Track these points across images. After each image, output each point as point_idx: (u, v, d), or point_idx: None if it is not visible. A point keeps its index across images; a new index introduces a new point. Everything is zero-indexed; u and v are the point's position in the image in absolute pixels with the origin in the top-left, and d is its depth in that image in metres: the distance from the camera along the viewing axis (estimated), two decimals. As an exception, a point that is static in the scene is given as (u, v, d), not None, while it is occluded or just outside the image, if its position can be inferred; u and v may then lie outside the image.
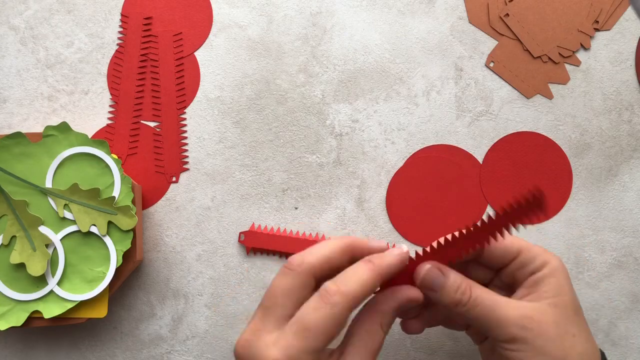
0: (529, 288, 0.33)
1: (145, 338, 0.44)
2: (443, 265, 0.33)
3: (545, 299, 0.32)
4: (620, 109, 0.44)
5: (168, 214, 0.44)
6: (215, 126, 0.45)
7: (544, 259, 0.33)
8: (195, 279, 0.44)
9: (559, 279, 0.33)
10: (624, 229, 0.44)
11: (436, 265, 0.33)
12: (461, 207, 0.44)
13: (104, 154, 0.40)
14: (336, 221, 0.44)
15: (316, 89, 0.45)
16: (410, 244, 0.44)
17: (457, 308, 0.32)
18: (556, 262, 0.33)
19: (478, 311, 0.32)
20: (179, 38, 0.45)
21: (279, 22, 0.45)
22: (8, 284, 0.40)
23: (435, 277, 0.32)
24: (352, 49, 0.45)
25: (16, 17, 0.45)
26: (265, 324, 0.30)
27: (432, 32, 0.45)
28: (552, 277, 0.33)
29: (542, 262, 0.33)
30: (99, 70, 0.45)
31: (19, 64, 0.45)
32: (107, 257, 0.40)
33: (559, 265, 0.33)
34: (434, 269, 0.32)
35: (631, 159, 0.44)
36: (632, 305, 0.44)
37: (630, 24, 0.44)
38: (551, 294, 0.32)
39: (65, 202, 0.40)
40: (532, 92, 0.44)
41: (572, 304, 0.32)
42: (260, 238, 0.43)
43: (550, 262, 0.33)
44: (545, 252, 0.34)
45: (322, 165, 0.44)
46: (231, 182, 0.44)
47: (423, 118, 0.44)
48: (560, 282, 0.32)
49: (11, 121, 0.45)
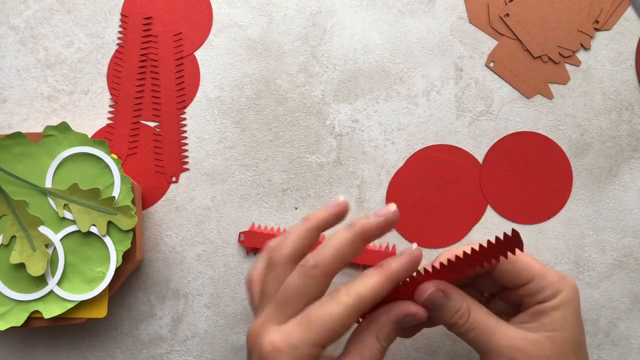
0: (532, 316, 0.32)
1: (145, 338, 0.44)
2: (448, 285, 0.32)
3: (544, 332, 0.31)
4: (620, 109, 0.44)
5: (168, 214, 0.44)
6: (215, 126, 0.45)
7: (556, 288, 0.32)
8: (195, 279, 0.44)
9: (566, 313, 0.32)
10: (624, 229, 0.44)
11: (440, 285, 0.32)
12: (461, 207, 0.44)
13: (103, 154, 0.40)
14: (336, 221, 0.44)
15: (316, 89, 0.45)
16: (409, 244, 0.44)
17: (453, 329, 0.33)
18: (567, 294, 0.32)
19: (472, 335, 0.32)
20: (179, 38, 0.45)
21: (279, 22, 0.45)
22: (8, 284, 0.40)
23: (436, 298, 0.32)
24: (352, 49, 0.45)
25: (16, 17, 0.45)
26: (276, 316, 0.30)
27: (432, 32, 0.45)
28: (558, 310, 0.32)
29: (553, 293, 0.32)
30: (99, 70, 0.45)
31: (19, 64, 0.45)
32: (107, 257, 0.40)
33: (570, 297, 0.32)
34: (437, 291, 0.32)
35: (631, 159, 0.44)
36: (632, 305, 0.44)
37: (630, 24, 0.44)
38: (552, 327, 0.31)
39: (65, 202, 0.40)
40: (532, 92, 0.44)
41: (572, 341, 0.32)
42: (260, 238, 0.43)
43: (561, 293, 0.32)
44: (560, 281, 0.32)
45: (322, 165, 0.44)
46: (231, 182, 0.44)
47: (423, 118, 0.44)
48: (565, 316, 0.32)
49: (11, 121, 0.45)
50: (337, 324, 0.29)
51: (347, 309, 0.29)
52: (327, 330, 0.29)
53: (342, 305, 0.29)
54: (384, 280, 0.30)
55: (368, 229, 0.31)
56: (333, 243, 0.31)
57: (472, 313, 0.32)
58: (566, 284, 0.33)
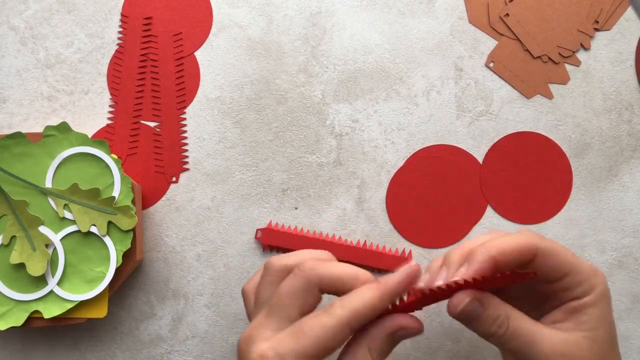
0: (568, 314, 0.31)
1: (145, 338, 0.44)
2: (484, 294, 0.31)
3: (583, 331, 0.31)
4: (620, 109, 0.44)
5: (168, 214, 0.44)
6: (215, 126, 0.45)
7: (591, 284, 0.31)
8: (195, 279, 0.44)
9: (602, 309, 0.31)
10: (624, 229, 0.44)
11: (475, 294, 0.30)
12: (461, 207, 0.44)
13: (104, 154, 0.40)
14: (336, 221, 0.44)
15: (316, 89, 0.45)
16: (410, 244, 0.44)
17: (491, 339, 0.31)
18: (602, 289, 0.31)
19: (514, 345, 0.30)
20: (179, 38, 0.45)
21: (279, 22, 0.45)
22: (8, 284, 0.40)
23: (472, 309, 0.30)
24: (352, 49, 0.45)
25: (16, 17, 0.45)
26: (268, 322, 0.30)
27: (432, 32, 0.45)
28: (594, 306, 0.31)
29: (588, 288, 0.31)
30: (99, 70, 0.45)
31: (19, 64, 0.45)
32: (107, 257, 0.40)
33: (604, 291, 0.31)
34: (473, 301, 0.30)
35: (631, 159, 0.44)
36: (632, 305, 0.44)
37: (630, 24, 0.44)
38: (590, 325, 0.31)
39: (65, 202, 0.40)
40: (532, 92, 0.44)
41: (609, 338, 0.31)
42: (277, 236, 0.43)
43: (595, 289, 0.31)
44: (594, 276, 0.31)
45: (322, 165, 0.44)
46: (231, 182, 0.44)
47: (423, 118, 0.44)
48: (602, 314, 0.31)
49: (11, 121, 0.45)
50: (329, 337, 0.28)
51: (340, 322, 0.28)
52: (317, 342, 0.28)
53: (335, 318, 0.28)
54: (379, 296, 0.29)
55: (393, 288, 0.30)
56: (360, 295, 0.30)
57: (511, 322, 0.31)
58: (599, 278, 0.31)
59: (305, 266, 0.30)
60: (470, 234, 0.44)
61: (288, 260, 0.32)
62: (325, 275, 0.30)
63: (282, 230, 0.44)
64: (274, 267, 0.32)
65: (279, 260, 0.32)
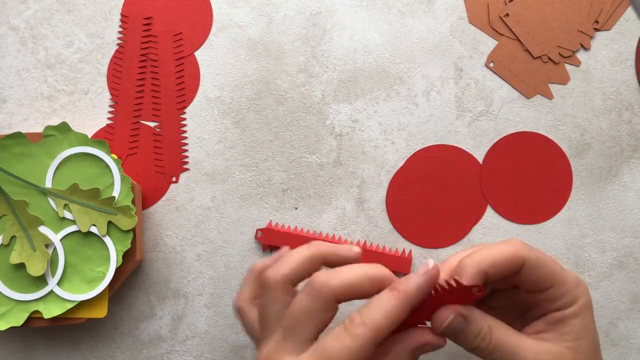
0: (550, 325, 0.32)
1: (145, 338, 0.44)
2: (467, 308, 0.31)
3: (566, 342, 0.31)
4: (620, 109, 0.44)
5: (168, 214, 0.44)
6: (215, 126, 0.45)
7: (574, 295, 0.31)
8: (195, 279, 0.44)
9: (585, 320, 0.31)
10: (624, 229, 0.44)
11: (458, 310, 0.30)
12: (461, 207, 0.44)
13: (103, 154, 0.40)
14: (336, 221, 0.44)
15: (316, 89, 0.45)
16: (410, 244, 0.44)
17: (475, 352, 0.31)
18: (585, 300, 0.31)
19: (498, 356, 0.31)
20: (179, 38, 0.45)
21: (279, 22, 0.45)
22: (8, 284, 0.40)
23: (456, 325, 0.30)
24: (352, 49, 0.45)
25: (16, 17, 0.45)
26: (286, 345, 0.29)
27: (432, 32, 0.45)
28: (577, 317, 0.31)
29: (571, 299, 0.31)
30: (99, 70, 0.45)
31: (19, 64, 0.45)
32: (107, 257, 0.40)
33: (587, 302, 0.32)
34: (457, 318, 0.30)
35: (631, 159, 0.44)
36: (632, 305, 0.44)
37: (630, 24, 0.44)
38: (573, 336, 0.31)
39: (65, 202, 0.40)
40: (532, 92, 0.44)
41: (592, 348, 0.31)
42: (277, 236, 0.43)
43: (579, 300, 0.31)
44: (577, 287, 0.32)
45: (322, 165, 0.44)
46: (231, 182, 0.44)
47: (423, 118, 0.44)
48: (584, 324, 0.31)
49: (11, 121, 0.45)
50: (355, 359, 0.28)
51: (365, 342, 0.28)
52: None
53: (359, 339, 0.28)
54: (401, 305, 0.29)
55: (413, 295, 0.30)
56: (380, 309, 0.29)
57: (493, 334, 0.31)
58: (582, 289, 0.32)
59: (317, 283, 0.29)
60: (470, 234, 0.44)
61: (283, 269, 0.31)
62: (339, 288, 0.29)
63: (282, 230, 0.44)
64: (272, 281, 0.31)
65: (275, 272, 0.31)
